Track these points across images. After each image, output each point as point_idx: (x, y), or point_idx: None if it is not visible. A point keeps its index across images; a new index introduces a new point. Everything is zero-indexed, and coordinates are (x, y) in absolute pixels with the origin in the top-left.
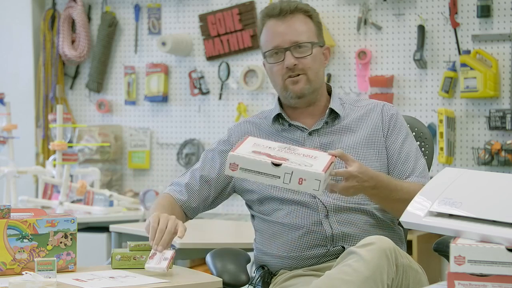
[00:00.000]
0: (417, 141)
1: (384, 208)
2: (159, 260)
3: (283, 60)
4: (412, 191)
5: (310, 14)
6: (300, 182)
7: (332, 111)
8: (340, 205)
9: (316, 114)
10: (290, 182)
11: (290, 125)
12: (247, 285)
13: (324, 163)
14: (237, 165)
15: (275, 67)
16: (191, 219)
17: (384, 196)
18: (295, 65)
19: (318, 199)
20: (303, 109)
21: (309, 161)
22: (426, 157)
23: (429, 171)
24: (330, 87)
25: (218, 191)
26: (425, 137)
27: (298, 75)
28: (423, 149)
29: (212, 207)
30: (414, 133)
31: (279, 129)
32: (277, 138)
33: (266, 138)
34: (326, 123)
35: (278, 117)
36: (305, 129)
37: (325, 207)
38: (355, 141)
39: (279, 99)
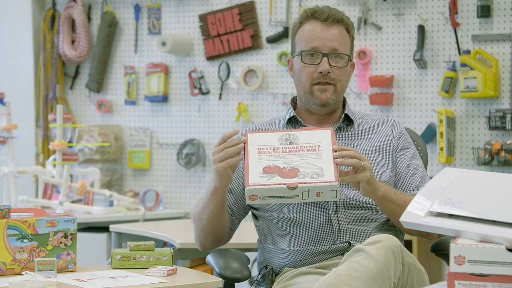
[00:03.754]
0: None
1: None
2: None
3: (318, 63)
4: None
5: (349, 29)
6: (318, 196)
7: (346, 118)
8: (350, 203)
9: (330, 122)
10: (308, 197)
11: (303, 127)
12: (250, 285)
13: (331, 165)
14: (256, 196)
15: (307, 68)
16: (232, 230)
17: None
18: (328, 72)
19: None
20: (319, 116)
21: (317, 163)
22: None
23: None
24: (345, 98)
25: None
26: (419, 146)
27: (327, 83)
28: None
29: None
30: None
31: None
32: None
33: None
34: (340, 128)
35: (290, 120)
36: None
37: (335, 203)
38: (367, 146)
39: (292, 103)
